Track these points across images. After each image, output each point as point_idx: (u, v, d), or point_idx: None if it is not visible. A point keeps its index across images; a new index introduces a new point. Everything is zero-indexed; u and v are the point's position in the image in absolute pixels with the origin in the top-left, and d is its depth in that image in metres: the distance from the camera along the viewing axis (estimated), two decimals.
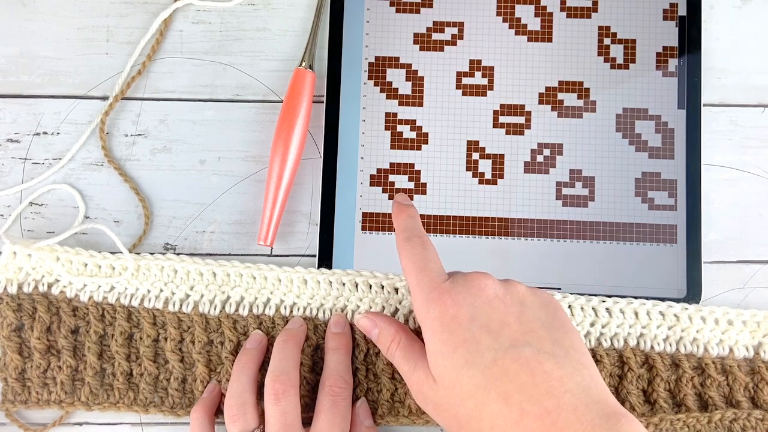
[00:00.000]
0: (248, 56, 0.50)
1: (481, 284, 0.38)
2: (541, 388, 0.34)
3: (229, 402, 0.42)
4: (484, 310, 0.37)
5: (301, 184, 0.49)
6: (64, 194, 0.49)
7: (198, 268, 0.46)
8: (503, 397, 0.34)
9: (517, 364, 0.35)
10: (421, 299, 0.38)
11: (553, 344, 0.36)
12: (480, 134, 0.49)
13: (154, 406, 0.46)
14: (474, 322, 0.36)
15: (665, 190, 0.48)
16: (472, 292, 0.37)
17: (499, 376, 0.35)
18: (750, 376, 0.45)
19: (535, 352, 0.35)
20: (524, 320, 0.37)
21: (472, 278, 0.38)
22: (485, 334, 0.36)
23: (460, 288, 0.38)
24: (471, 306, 0.37)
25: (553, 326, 0.37)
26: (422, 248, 0.40)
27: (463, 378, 0.36)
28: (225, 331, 0.46)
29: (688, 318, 0.45)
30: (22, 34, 0.50)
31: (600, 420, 0.33)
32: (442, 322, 0.37)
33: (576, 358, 0.36)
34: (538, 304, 0.38)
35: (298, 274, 0.46)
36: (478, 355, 0.36)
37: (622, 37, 0.49)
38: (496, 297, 0.38)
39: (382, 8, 0.50)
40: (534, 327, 0.36)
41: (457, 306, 0.37)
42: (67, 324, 0.46)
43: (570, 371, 0.35)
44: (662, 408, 0.44)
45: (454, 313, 0.37)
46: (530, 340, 0.36)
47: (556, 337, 0.36)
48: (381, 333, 0.42)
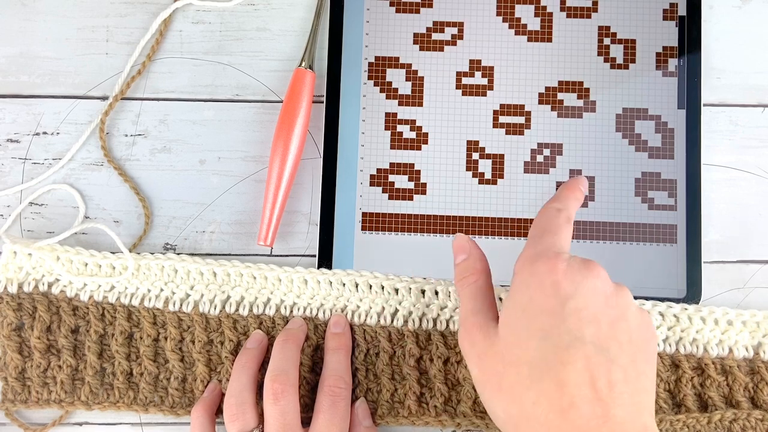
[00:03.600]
0: (248, 56, 0.50)
1: (596, 273, 0.36)
2: (598, 393, 0.34)
3: (229, 401, 0.43)
4: (585, 295, 0.36)
5: (301, 184, 0.49)
6: (64, 194, 0.49)
7: (198, 268, 0.46)
8: (560, 383, 0.34)
9: (587, 360, 0.34)
10: (532, 252, 0.37)
11: (630, 362, 0.35)
12: (480, 134, 0.49)
13: (154, 405, 0.46)
14: (569, 301, 0.35)
15: (665, 190, 0.48)
16: (584, 274, 0.36)
17: (566, 362, 0.34)
18: (750, 377, 0.45)
19: (608, 361, 0.35)
20: (616, 328, 0.36)
21: (591, 264, 0.37)
22: (574, 318, 0.35)
23: (575, 264, 0.37)
24: (575, 284, 0.36)
25: (639, 348, 0.36)
26: (567, 224, 0.39)
27: (532, 344, 0.35)
28: (225, 330, 0.46)
29: (687, 318, 0.45)
30: (22, 34, 0.50)
31: None
32: (541, 282, 0.36)
33: (644, 384, 0.36)
34: (637, 322, 0.37)
35: (298, 274, 0.46)
36: (557, 332, 0.35)
37: (622, 37, 0.49)
38: (603, 292, 0.36)
39: (382, 8, 0.50)
40: (621, 339, 0.36)
41: (563, 276, 0.36)
42: (67, 323, 0.46)
43: (632, 390, 0.35)
44: (662, 408, 0.44)
45: (556, 279, 0.36)
46: (611, 347, 0.35)
47: (634, 358, 0.36)
48: (467, 262, 0.41)
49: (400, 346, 0.45)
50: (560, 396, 0.34)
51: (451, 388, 0.45)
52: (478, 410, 0.45)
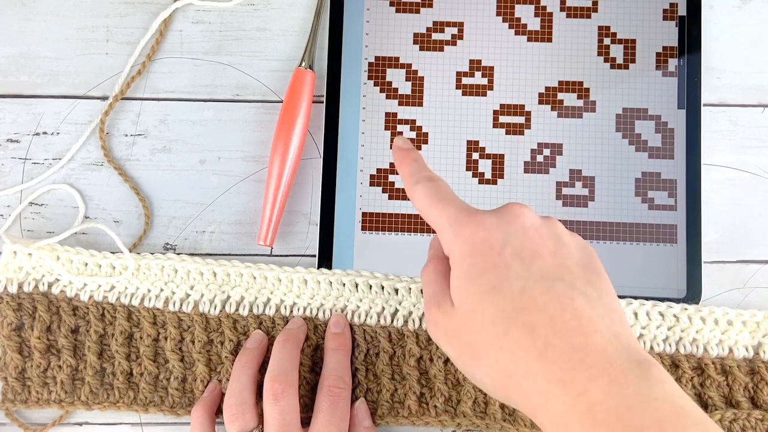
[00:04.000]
0: (248, 56, 0.50)
1: (516, 212, 0.36)
2: (570, 325, 0.32)
3: (229, 401, 0.43)
4: (517, 237, 0.35)
5: (301, 184, 0.49)
6: (64, 194, 0.49)
7: (198, 268, 0.46)
8: (528, 327, 0.32)
9: (547, 296, 0.33)
10: (448, 223, 0.36)
11: (587, 284, 0.34)
12: (480, 134, 0.49)
13: (154, 405, 0.46)
14: (506, 247, 0.34)
15: (665, 190, 0.48)
16: (506, 219, 0.35)
17: (526, 305, 0.33)
18: (750, 377, 0.45)
19: (567, 288, 0.33)
20: (559, 255, 0.35)
21: (507, 206, 0.36)
22: (517, 261, 0.34)
23: (492, 212, 0.36)
24: (504, 232, 0.35)
25: (587, 268, 0.35)
26: (435, 183, 0.38)
27: (486, 304, 0.34)
28: (225, 330, 0.46)
29: (687, 318, 0.45)
30: (22, 34, 0.50)
31: (630, 365, 0.31)
32: (472, 245, 0.35)
33: (608, 302, 0.34)
34: (574, 244, 0.36)
35: (298, 274, 0.46)
36: (506, 281, 0.34)
37: (622, 37, 0.49)
38: (533, 227, 0.35)
39: (382, 8, 0.50)
40: (569, 264, 0.34)
41: (489, 229, 0.35)
42: (67, 323, 0.46)
43: (601, 313, 0.33)
44: None
45: (485, 236, 0.35)
46: (563, 275, 0.34)
47: (590, 278, 0.34)
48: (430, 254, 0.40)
49: (400, 346, 0.45)
50: (533, 340, 0.32)
51: (451, 388, 0.45)
52: (478, 410, 0.45)
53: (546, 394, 0.32)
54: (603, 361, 0.31)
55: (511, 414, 0.45)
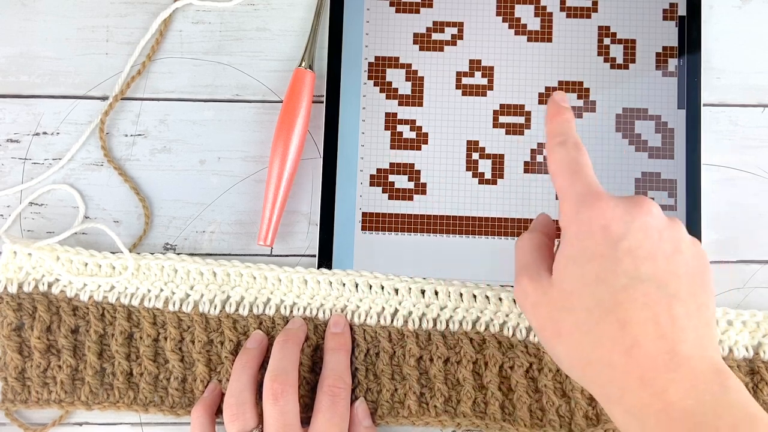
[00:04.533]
0: (248, 56, 0.50)
1: (644, 208, 0.35)
2: (662, 329, 0.33)
3: (229, 401, 0.43)
4: (636, 235, 0.35)
5: (301, 184, 0.49)
6: (64, 194, 0.49)
7: (198, 268, 0.46)
8: (621, 323, 0.34)
9: (647, 298, 0.34)
10: (573, 201, 0.36)
11: (690, 296, 0.35)
12: (480, 134, 0.49)
13: (154, 405, 0.46)
14: (622, 242, 0.34)
15: (665, 190, 0.48)
16: (632, 212, 0.35)
17: (625, 302, 0.34)
18: (750, 377, 0.45)
19: (669, 296, 0.34)
20: (672, 261, 0.35)
21: (640, 201, 0.36)
22: (628, 258, 0.34)
23: (621, 202, 0.35)
24: (625, 224, 0.35)
25: (695, 280, 0.35)
26: (577, 152, 0.37)
27: (587, 290, 0.34)
28: (225, 330, 0.46)
29: None
30: (22, 34, 0.50)
31: (711, 374, 0.33)
32: (590, 228, 0.35)
33: (705, 317, 0.35)
34: (692, 253, 0.36)
35: (298, 274, 0.46)
36: (613, 275, 0.34)
37: (622, 37, 0.49)
38: (655, 227, 0.35)
39: (382, 8, 0.50)
40: (679, 272, 0.35)
41: (611, 219, 0.35)
42: (67, 323, 0.46)
43: (695, 324, 0.34)
44: None
45: (605, 224, 0.35)
46: (670, 282, 0.34)
47: (695, 291, 0.35)
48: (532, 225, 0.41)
49: (400, 346, 0.45)
50: (623, 336, 0.33)
51: (451, 388, 0.45)
52: (478, 410, 0.45)
53: (623, 386, 0.33)
54: (686, 368, 0.33)
55: (510, 414, 0.45)
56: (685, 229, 0.37)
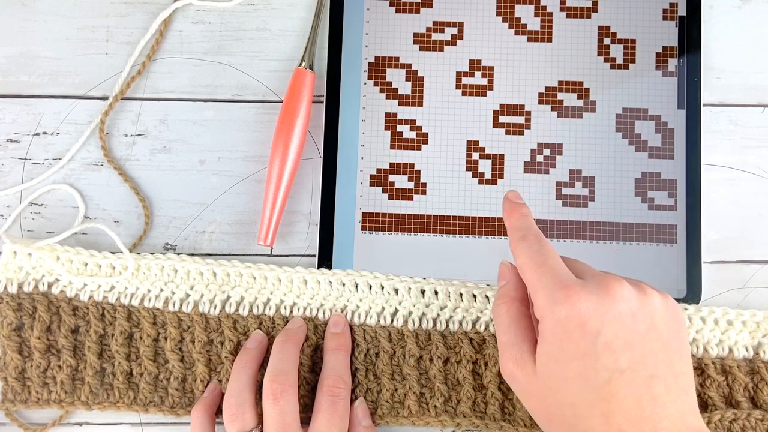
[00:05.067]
0: (248, 56, 0.50)
1: (616, 295, 0.36)
2: (644, 412, 0.34)
3: (228, 401, 0.43)
4: (612, 326, 0.35)
5: (301, 184, 0.49)
6: (63, 194, 0.49)
7: (198, 268, 0.46)
8: (606, 415, 0.35)
9: (628, 387, 0.35)
10: (544, 296, 0.36)
11: (668, 369, 0.36)
12: (480, 134, 0.49)
13: (154, 405, 0.46)
14: (599, 337, 0.35)
15: (665, 190, 0.48)
16: (605, 303, 0.36)
17: (608, 396, 0.35)
18: (750, 377, 0.45)
19: (648, 377, 0.35)
20: (648, 341, 0.36)
21: (607, 284, 0.36)
22: (607, 353, 0.35)
23: (592, 294, 0.36)
24: (600, 318, 0.35)
25: (672, 347, 0.36)
26: (539, 245, 0.38)
27: (570, 387, 0.35)
28: (225, 330, 0.46)
29: (687, 318, 0.45)
30: (22, 34, 0.50)
31: None
32: (566, 329, 0.36)
33: (683, 385, 0.36)
34: (666, 319, 0.37)
35: (298, 274, 0.46)
36: (594, 371, 0.35)
37: (622, 37, 0.49)
38: (629, 312, 0.36)
39: (382, 8, 0.50)
40: (655, 348, 0.36)
41: (587, 314, 0.35)
42: (67, 323, 0.46)
43: (674, 397, 0.35)
44: None
45: (581, 321, 0.35)
46: (648, 363, 0.35)
47: (672, 361, 0.36)
48: (506, 288, 0.40)
49: (400, 346, 0.45)
50: (608, 427, 0.34)
51: (451, 388, 0.45)
52: (478, 410, 0.45)
53: None
54: None
55: (510, 414, 0.45)
56: (655, 296, 0.37)
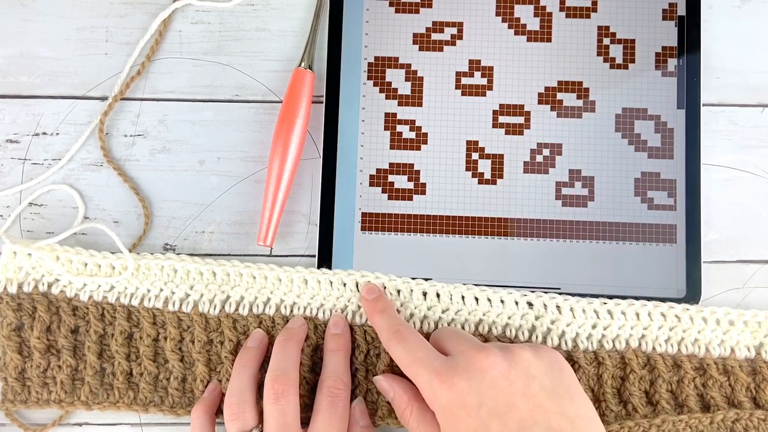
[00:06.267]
0: (248, 56, 0.50)
1: (482, 365, 0.38)
2: None
3: (230, 400, 0.42)
4: (490, 394, 0.37)
5: (301, 184, 0.49)
6: (63, 194, 0.49)
7: (198, 268, 0.46)
8: None
9: None
10: (426, 389, 0.39)
11: (561, 417, 0.36)
12: (479, 134, 0.49)
13: (154, 405, 0.46)
14: (482, 409, 0.37)
15: (665, 190, 0.48)
16: (476, 376, 0.37)
17: None
18: (752, 377, 0.45)
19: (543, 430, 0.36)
20: (530, 395, 0.37)
21: (472, 359, 0.38)
22: (494, 420, 0.36)
23: (461, 373, 0.38)
24: (476, 392, 0.37)
25: (558, 394, 0.37)
26: (404, 342, 0.41)
27: None
28: (225, 330, 0.46)
29: (689, 319, 0.45)
30: (22, 34, 0.50)
31: None
32: (451, 411, 0.37)
33: (583, 428, 0.36)
34: (543, 369, 0.38)
35: (298, 273, 0.46)
36: None
37: (622, 37, 0.49)
38: (500, 375, 0.37)
39: (382, 8, 0.50)
40: (541, 400, 0.37)
41: (463, 394, 0.37)
42: (66, 323, 0.46)
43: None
44: (664, 409, 0.44)
45: (461, 401, 0.37)
46: (537, 417, 0.36)
47: (563, 408, 0.37)
48: (396, 399, 0.42)
49: None
50: None
51: None
52: None
53: None
54: None
55: None
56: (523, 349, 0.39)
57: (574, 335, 0.45)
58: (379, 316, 0.44)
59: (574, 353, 0.45)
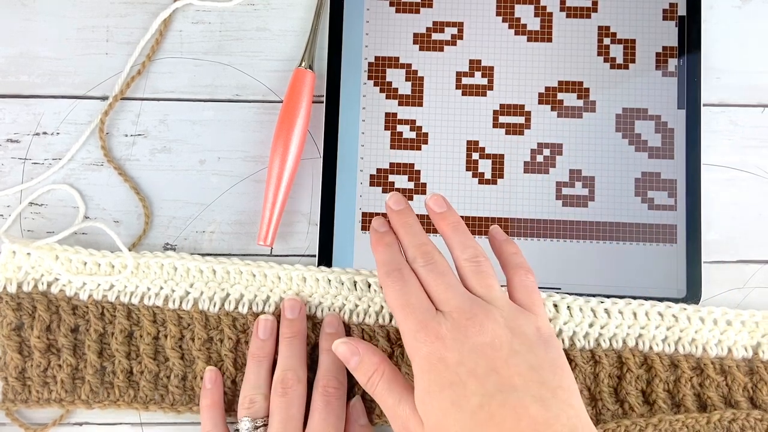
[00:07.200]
0: (248, 56, 0.50)
1: (469, 331, 0.37)
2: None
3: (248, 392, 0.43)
4: (471, 357, 0.36)
5: (301, 184, 0.49)
6: (63, 194, 0.49)
7: (197, 266, 0.46)
8: None
9: (503, 409, 0.35)
10: (409, 336, 0.38)
11: (540, 386, 0.36)
12: (480, 134, 0.49)
13: (155, 403, 0.46)
14: (461, 366, 0.36)
15: (665, 190, 0.48)
16: (460, 338, 0.37)
17: (484, 421, 0.35)
18: (749, 377, 0.45)
19: (520, 397, 0.35)
20: (512, 364, 0.36)
21: (461, 321, 0.37)
22: (472, 379, 0.36)
23: (448, 332, 0.37)
24: (458, 351, 0.36)
25: (542, 367, 0.37)
26: (402, 282, 0.39)
27: (449, 419, 0.36)
28: (224, 328, 0.46)
29: (686, 318, 0.45)
30: (22, 34, 0.50)
31: None
32: (429, 362, 0.37)
33: (563, 399, 0.36)
34: (529, 342, 0.37)
35: (297, 271, 0.46)
36: (464, 398, 0.35)
37: (622, 37, 0.49)
38: (487, 344, 0.37)
39: (382, 8, 0.50)
40: (522, 370, 0.36)
41: (445, 348, 0.37)
42: (66, 322, 0.46)
43: (557, 413, 0.35)
44: (661, 408, 0.44)
45: (441, 355, 0.36)
46: (517, 384, 0.35)
47: (543, 378, 0.36)
48: (362, 361, 0.41)
49: (398, 345, 0.45)
50: None
51: None
52: None
53: None
54: None
55: None
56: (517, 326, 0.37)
57: (571, 333, 0.45)
58: (383, 249, 0.41)
59: (571, 351, 0.45)
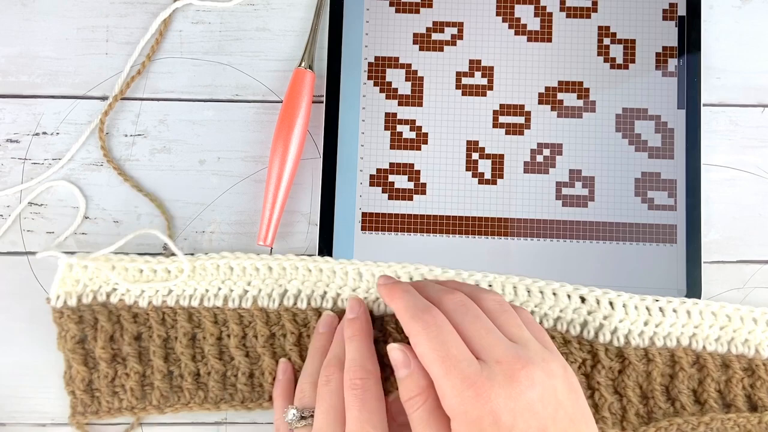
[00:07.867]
0: (248, 56, 0.50)
1: (523, 384, 0.35)
2: None
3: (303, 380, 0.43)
4: (524, 418, 0.35)
5: (301, 184, 0.49)
6: (63, 194, 0.49)
7: (253, 263, 0.46)
8: None
9: None
10: (453, 395, 0.35)
11: None
12: (480, 134, 0.49)
13: (225, 402, 0.46)
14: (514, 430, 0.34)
15: (665, 190, 0.48)
16: (513, 395, 0.35)
17: None
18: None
19: None
20: (558, 420, 0.35)
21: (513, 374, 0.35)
22: None
23: (501, 389, 0.35)
24: (512, 413, 0.34)
25: (576, 419, 0.36)
26: (436, 329, 0.37)
27: None
28: (285, 323, 0.45)
29: (739, 319, 0.45)
30: (22, 34, 0.50)
31: None
32: (480, 427, 0.34)
33: None
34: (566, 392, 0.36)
35: (353, 266, 0.45)
36: None
37: (622, 37, 0.49)
38: (537, 399, 0.35)
39: (382, 8, 0.50)
40: (565, 426, 0.35)
41: (498, 411, 0.34)
42: (129, 331, 0.46)
43: None
44: (712, 408, 0.44)
45: (495, 419, 0.34)
46: None
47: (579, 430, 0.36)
48: (410, 377, 0.38)
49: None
50: None
51: None
52: None
53: None
54: None
55: None
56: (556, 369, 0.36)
57: (626, 331, 0.45)
58: (402, 294, 0.39)
59: (626, 350, 0.44)
